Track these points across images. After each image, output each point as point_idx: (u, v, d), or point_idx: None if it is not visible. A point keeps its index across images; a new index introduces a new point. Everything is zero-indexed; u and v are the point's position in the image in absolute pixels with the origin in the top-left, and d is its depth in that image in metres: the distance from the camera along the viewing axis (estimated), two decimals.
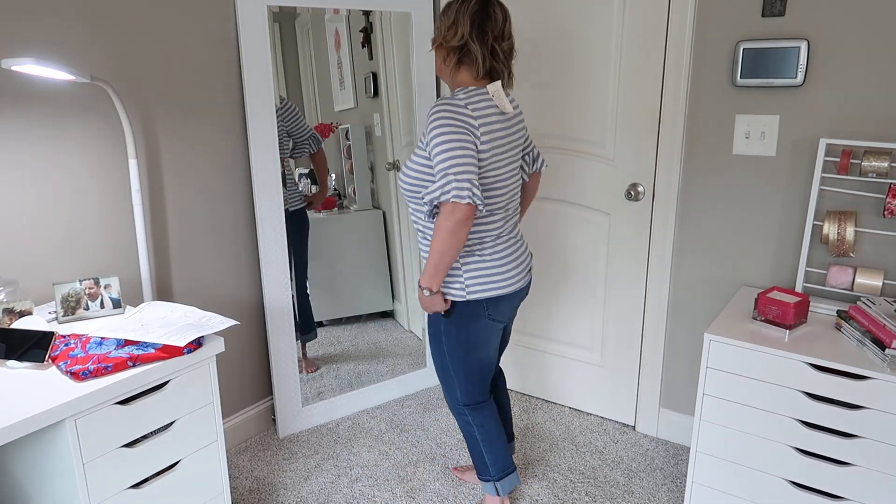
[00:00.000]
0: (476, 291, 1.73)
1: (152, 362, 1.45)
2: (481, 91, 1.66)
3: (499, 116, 1.67)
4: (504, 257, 1.76)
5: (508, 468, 1.96)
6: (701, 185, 2.20)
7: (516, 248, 1.81)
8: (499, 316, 1.80)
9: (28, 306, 1.61)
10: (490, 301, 1.75)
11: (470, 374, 1.85)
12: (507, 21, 1.68)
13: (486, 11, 1.64)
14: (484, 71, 1.66)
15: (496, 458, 1.94)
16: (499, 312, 1.80)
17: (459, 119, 1.59)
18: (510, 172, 1.74)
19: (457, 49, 1.65)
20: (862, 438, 1.63)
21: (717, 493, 1.89)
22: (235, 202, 2.30)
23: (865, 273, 1.89)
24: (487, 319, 1.78)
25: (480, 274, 1.73)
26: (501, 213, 1.75)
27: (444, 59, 1.69)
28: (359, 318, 2.75)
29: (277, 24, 2.30)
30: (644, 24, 2.17)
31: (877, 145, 1.82)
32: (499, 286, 1.75)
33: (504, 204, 1.75)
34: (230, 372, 2.40)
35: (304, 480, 2.25)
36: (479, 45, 1.63)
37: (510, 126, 1.72)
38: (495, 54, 1.65)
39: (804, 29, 1.91)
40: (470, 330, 1.78)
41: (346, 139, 2.56)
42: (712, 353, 1.80)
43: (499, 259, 1.75)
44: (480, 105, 1.64)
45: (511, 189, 1.77)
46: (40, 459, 1.43)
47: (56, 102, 1.78)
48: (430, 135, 1.60)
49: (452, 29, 1.65)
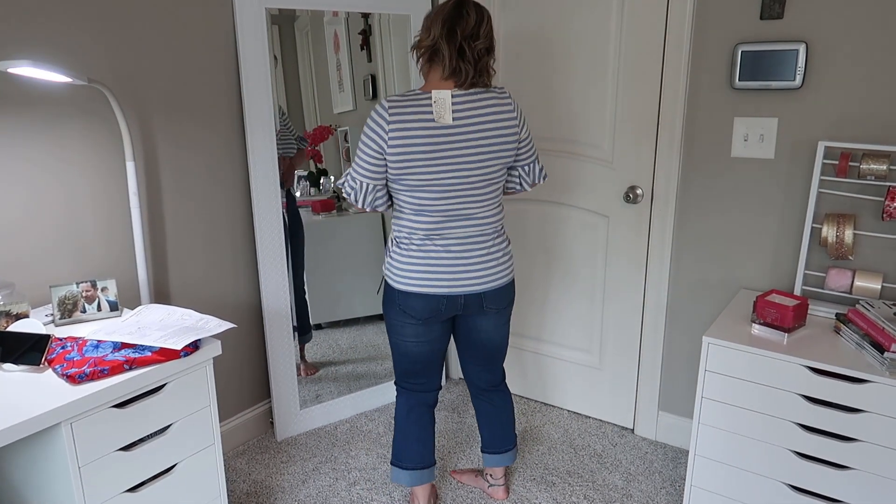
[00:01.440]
0: (389, 277, 1.82)
1: (149, 365, 1.45)
2: (422, 96, 1.67)
3: (428, 126, 1.65)
4: (426, 258, 1.75)
5: (399, 462, 2.00)
6: (699, 188, 2.19)
7: (457, 257, 1.75)
8: (411, 311, 1.80)
9: (25, 309, 1.60)
10: (401, 291, 1.79)
11: (393, 353, 1.95)
12: (482, 22, 1.67)
13: (459, 12, 1.66)
14: (450, 70, 1.67)
15: (393, 444, 2.02)
16: (410, 307, 1.80)
17: (373, 124, 1.67)
18: (450, 182, 1.69)
19: (428, 49, 1.69)
20: (861, 442, 1.63)
21: (716, 497, 1.88)
22: (234, 204, 2.29)
23: (864, 276, 1.89)
24: (399, 308, 1.82)
25: (397, 264, 1.78)
26: (434, 215, 1.72)
27: (418, 59, 1.75)
28: (357, 321, 2.74)
29: (277, 26, 2.30)
30: (642, 27, 2.17)
31: (875, 148, 1.82)
32: (406, 282, 1.77)
33: (441, 207, 1.71)
34: (228, 375, 2.40)
35: (301, 483, 2.24)
36: (448, 45, 1.66)
37: (452, 136, 1.66)
38: (462, 53, 1.66)
39: (803, 31, 1.91)
40: (387, 310, 1.87)
41: (345, 141, 2.56)
42: (711, 357, 1.80)
43: (414, 257, 1.75)
44: (407, 112, 1.65)
45: (454, 197, 1.71)
46: (36, 463, 1.43)
47: (53, 105, 1.77)
48: None
49: (427, 31, 1.70)
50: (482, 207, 1.76)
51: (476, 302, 1.81)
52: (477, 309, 1.83)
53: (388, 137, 1.64)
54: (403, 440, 1.98)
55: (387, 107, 1.66)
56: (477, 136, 1.68)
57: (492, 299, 1.83)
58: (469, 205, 1.74)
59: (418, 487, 2.03)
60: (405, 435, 1.98)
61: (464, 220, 1.74)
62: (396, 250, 1.79)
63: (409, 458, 1.98)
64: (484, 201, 1.75)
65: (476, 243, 1.77)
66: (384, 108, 1.66)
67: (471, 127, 1.68)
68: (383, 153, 1.66)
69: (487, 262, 1.79)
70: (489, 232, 1.78)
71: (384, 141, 1.64)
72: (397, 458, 2.00)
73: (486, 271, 1.79)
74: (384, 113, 1.65)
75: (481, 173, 1.72)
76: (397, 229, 1.78)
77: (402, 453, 1.99)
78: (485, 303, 1.82)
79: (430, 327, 1.84)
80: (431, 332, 1.86)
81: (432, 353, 1.90)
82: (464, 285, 1.77)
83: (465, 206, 1.73)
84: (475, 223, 1.76)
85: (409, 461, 1.99)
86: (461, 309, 1.82)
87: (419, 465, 1.99)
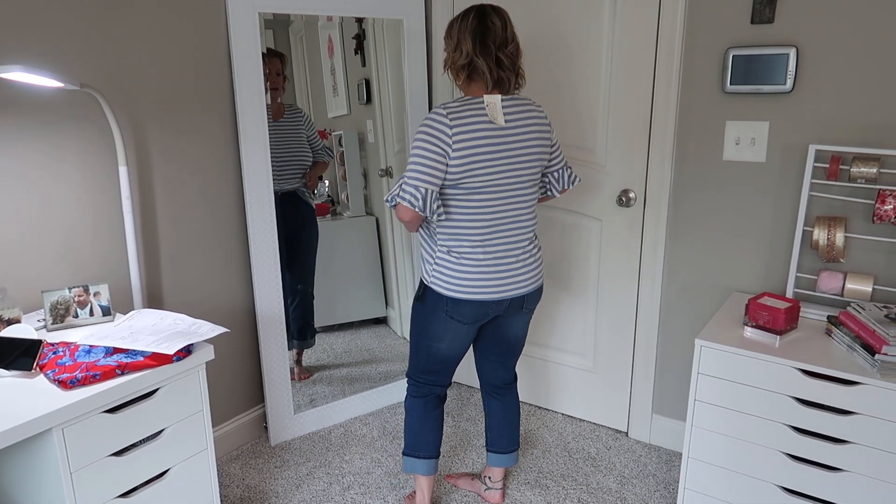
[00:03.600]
0: (437, 284, 1.79)
1: (141, 370, 1.44)
2: (475, 101, 1.70)
3: (488, 126, 1.69)
4: (479, 266, 1.76)
5: (415, 452, 2.01)
6: (692, 191, 2.20)
7: (505, 261, 1.79)
8: (459, 317, 1.81)
9: (16, 314, 1.60)
10: (451, 299, 1.79)
11: (419, 354, 1.93)
12: (506, 26, 1.72)
13: (485, 24, 1.69)
14: (493, 82, 1.72)
15: (408, 436, 2.02)
16: (459, 314, 1.81)
17: (433, 129, 1.66)
18: (505, 183, 1.74)
19: (465, 66, 1.72)
20: (852, 444, 1.63)
21: (710, 499, 1.89)
22: (227, 209, 2.29)
23: (855, 278, 1.90)
24: (444, 314, 1.81)
25: (445, 271, 1.78)
26: (487, 219, 1.75)
27: (456, 77, 1.76)
28: (351, 325, 2.74)
29: (271, 31, 2.30)
30: (634, 32, 2.18)
31: (866, 151, 1.83)
32: (460, 290, 1.77)
33: (493, 210, 1.75)
34: (221, 379, 2.39)
35: (295, 488, 2.24)
36: (484, 60, 1.70)
37: (506, 137, 1.71)
38: (500, 64, 1.71)
39: (793, 36, 1.93)
40: (426, 314, 1.85)
41: (339, 145, 2.56)
42: (703, 359, 1.80)
43: (470, 265, 1.76)
44: (465, 115, 1.68)
45: (506, 199, 1.75)
46: (28, 468, 1.42)
47: (46, 110, 1.77)
48: None
49: (458, 50, 1.72)
50: (526, 210, 1.81)
51: (518, 303, 1.86)
52: (516, 310, 1.87)
53: (453, 141, 1.65)
54: (420, 431, 2.00)
55: (444, 113, 1.67)
56: (524, 137, 1.75)
57: (531, 300, 1.89)
58: (516, 208, 1.78)
59: (427, 478, 2.05)
60: (422, 426, 2.00)
61: (510, 225, 1.79)
62: (446, 258, 1.77)
63: (425, 447, 2.01)
64: (528, 204, 1.81)
65: (521, 247, 1.82)
66: (441, 115, 1.67)
67: (519, 129, 1.74)
68: (446, 157, 1.66)
69: (530, 264, 1.84)
70: (530, 236, 1.84)
71: (448, 145, 1.65)
72: (413, 448, 2.01)
73: (528, 274, 1.84)
74: (443, 119, 1.66)
75: (528, 174, 1.78)
76: (446, 238, 1.77)
77: (418, 443, 2.01)
78: (525, 304, 1.88)
79: (469, 330, 1.87)
80: (469, 335, 1.89)
81: (460, 354, 1.94)
82: (512, 289, 1.81)
83: (514, 208, 1.78)
84: (520, 227, 1.81)
85: (424, 450, 2.01)
86: (504, 311, 1.85)
87: (434, 455, 2.02)
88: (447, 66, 1.77)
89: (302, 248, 2.49)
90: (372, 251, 2.70)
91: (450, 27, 1.76)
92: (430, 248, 1.82)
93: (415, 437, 2.01)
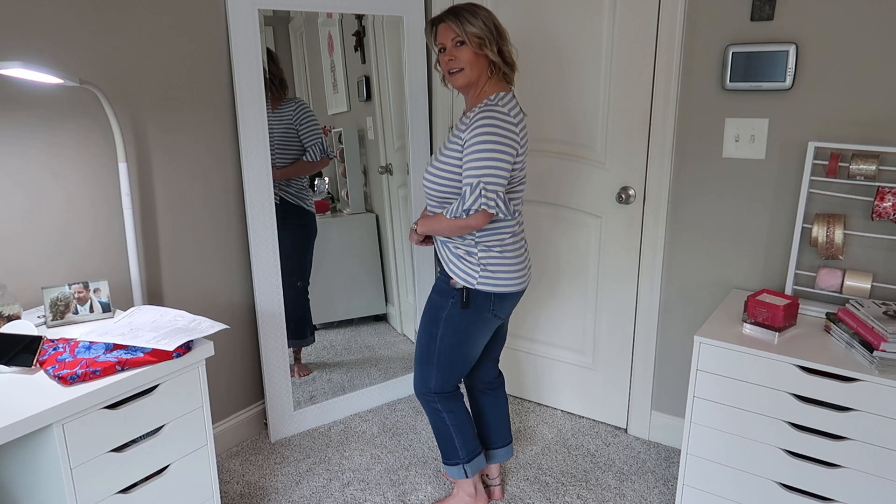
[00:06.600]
0: (487, 284, 1.77)
1: (141, 366, 1.45)
2: (509, 96, 1.73)
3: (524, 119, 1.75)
4: (516, 255, 1.81)
5: (476, 451, 2.00)
6: (691, 189, 2.21)
7: (524, 248, 1.86)
8: (501, 312, 1.85)
9: (16, 310, 1.60)
10: (497, 296, 1.79)
11: (453, 364, 1.88)
12: None
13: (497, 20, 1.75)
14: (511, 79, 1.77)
15: (466, 442, 1.97)
16: (502, 309, 1.84)
17: (504, 128, 1.64)
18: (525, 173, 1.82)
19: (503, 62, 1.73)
20: (850, 440, 1.64)
21: (708, 496, 1.89)
22: (226, 205, 2.29)
23: (854, 275, 1.90)
24: (490, 314, 1.82)
25: (491, 267, 1.77)
26: (519, 210, 1.82)
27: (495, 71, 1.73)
28: (351, 322, 2.75)
29: (271, 27, 2.30)
30: (634, 29, 2.18)
31: (865, 148, 1.83)
32: (508, 283, 1.79)
33: (520, 201, 1.83)
34: (221, 376, 2.39)
35: (295, 484, 2.24)
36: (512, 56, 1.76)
37: None
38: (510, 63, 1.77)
39: (793, 33, 1.93)
40: (470, 320, 1.81)
41: (339, 142, 2.56)
42: (702, 356, 1.80)
43: (511, 257, 1.80)
44: (519, 112, 1.72)
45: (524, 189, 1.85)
46: (28, 464, 1.42)
47: (45, 106, 1.77)
48: (472, 140, 1.63)
49: (506, 43, 1.74)
50: None
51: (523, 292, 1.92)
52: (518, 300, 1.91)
53: (520, 139, 1.70)
54: (471, 429, 1.99)
55: (506, 111, 1.67)
56: None
57: None
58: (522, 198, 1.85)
59: None
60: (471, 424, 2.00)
61: (521, 217, 1.84)
62: (489, 254, 1.76)
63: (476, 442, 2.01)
64: None
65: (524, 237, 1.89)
66: (506, 114, 1.66)
67: None
68: (515, 157, 1.69)
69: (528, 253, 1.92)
70: None
71: (518, 144, 1.69)
72: (472, 451, 1.98)
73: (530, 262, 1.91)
74: (509, 118, 1.66)
75: None
76: (488, 234, 1.76)
77: (472, 444, 1.99)
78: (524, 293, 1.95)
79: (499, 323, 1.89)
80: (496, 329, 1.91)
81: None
82: (529, 277, 1.88)
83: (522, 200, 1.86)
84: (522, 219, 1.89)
85: (477, 445, 2.01)
86: None
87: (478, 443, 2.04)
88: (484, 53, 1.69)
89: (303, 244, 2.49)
90: (372, 248, 2.70)
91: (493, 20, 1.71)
92: (467, 251, 1.77)
93: (468, 442, 1.97)
